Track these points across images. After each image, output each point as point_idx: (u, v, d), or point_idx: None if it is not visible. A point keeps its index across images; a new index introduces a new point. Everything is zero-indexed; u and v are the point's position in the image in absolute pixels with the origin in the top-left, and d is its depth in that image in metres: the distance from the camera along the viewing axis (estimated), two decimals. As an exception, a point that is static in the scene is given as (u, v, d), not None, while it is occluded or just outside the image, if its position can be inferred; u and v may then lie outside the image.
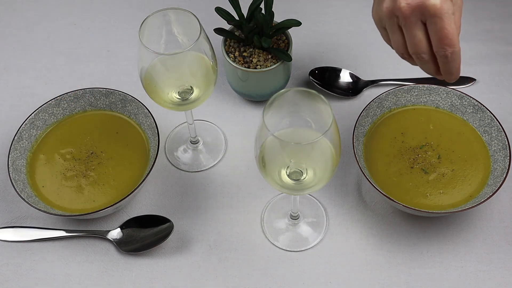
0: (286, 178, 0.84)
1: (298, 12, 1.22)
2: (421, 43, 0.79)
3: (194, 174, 1.04)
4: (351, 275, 0.93)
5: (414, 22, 0.78)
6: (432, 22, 0.77)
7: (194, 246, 0.96)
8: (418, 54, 0.80)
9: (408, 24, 0.78)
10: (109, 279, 0.94)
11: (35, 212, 1.00)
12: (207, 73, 0.92)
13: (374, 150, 0.99)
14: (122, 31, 1.22)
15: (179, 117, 1.09)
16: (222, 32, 1.03)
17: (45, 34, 1.22)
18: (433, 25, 0.77)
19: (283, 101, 0.79)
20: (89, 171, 1.00)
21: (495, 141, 0.98)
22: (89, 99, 1.05)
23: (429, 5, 0.76)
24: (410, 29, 0.79)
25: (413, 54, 0.81)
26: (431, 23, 0.77)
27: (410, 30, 0.79)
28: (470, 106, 1.01)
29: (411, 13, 0.77)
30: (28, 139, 1.01)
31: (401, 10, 0.77)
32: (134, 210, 1.00)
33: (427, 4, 0.76)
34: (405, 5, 0.77)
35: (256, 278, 0.94)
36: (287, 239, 0.97)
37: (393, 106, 1.03)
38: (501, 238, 0.96)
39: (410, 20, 0.78)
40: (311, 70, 1.12)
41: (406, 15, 0.78)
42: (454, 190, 0.95)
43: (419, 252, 0.95)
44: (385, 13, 0.80)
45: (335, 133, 0.77)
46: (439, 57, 0.80)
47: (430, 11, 0.76)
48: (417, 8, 0.77)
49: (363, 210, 0.99)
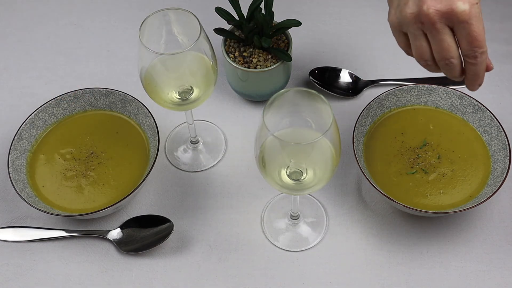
0: (286, 178, 0.84)
1: (298, 12, 1.22)
2: (451, 47, 0.78)
3: (194, 174, 1.04)
4: (351, 275, 0.93)
5: (442, 27, 0.76)
6: (461, 27, 0.76)
7: (194, 246, 0.96)
8: (447, 60, 0.79)
9: (436, 30, 0.76)
10: (109, 279, 0.94)
11: (35, 212, 1.00)
12: (207, 73, 0.92)
13: (374, 150, 0.99)
14: (122, 31, 1.21)
15: (179, 117, 1.09)
16: (222, 32, 1.03)
17: (45, 34, 1.22)
18: (462, 30, 0.76)
19: (283, 101, 0.79)
20: (89, 171, 1.00)
21: (495, 141, 0.98)
22: (89, 99, 1.05)
23: (458, 12, 0.75)
24: (438, 35, 0.77)
25: (441, 60, 0.79)
26: (460, 28, 0.76)
27: (438, 36, 0.77)
28: (470, 106, 1.01)
29: (439, 19, 0.76)
30: (28, 139, 1.01)
31: (428, 16, 0.75)
32: (134, 210, 1.00)
33: (456, 11, 0.75)
34: (433, 11, 0.75)
35: (256, 278, 0.94)
36: (287, 239, 0.97)
37: (393, 106, 1.03)
38: (501, 238, 0.96)
39: (438, 26, 0.76)
40: (311, 70, 1.12)
41: (434, 21, 0.76)
42: (454, 190, 0.95)
43: (419, 252, 0.95)
44: (409, 18, 0.77)
45: (335, 133, 0.77)
46: (468, 59, 0.78)
47: (460, 17, 0.75)
48: (445, 14, 0.75)
49: (363, 210, 0.99)
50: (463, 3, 0.74)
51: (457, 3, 0.75)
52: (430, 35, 0.78)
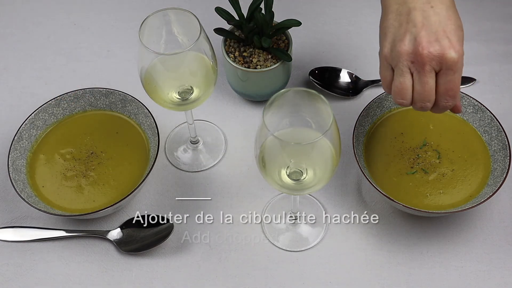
0: (286, 178, 0.84)
1: (298, 12, 1.22)
2: (431, 91, 0.81)
3: (194, 174, 1.04)
4: (351, 275, 0.93)
5: (429, 70, 0.79)
6: (445, 74, 0.79)
7: (194, 246, 0.96)
8: (423, 103, 0.82)
9: (424, 71, 0.79)
10: (109, 279, 0.94)
11: (35, 212, 1.00)
12: (207, 73, 0.92)
13: (374, 150, 0.99)
14: (122, 31, 1.21)
15: (179, 117, 1.09)
16: (222, 32, 1.03)
17: (45, 34, 1.22)
18: (444, 77, 0.80)
19: (283, 101, 0.79)
20: (89, 171, 1.00)
21: (495, 141, 0.98)
22: (89, 99, 1.05)
23: (448, 58, 0.78)
24: (424, 77, 0.80)
25: (419, 101, 0.82)
26: (444, 74, 0.79)
27: (424, 77, 0.80)
28: (470, 106, 1.01)
29: (429, 62, 0.79)
30: (28, 139, 1.01)
31: (422, 56, 0.78)
32: (134, 210, 1.00)
33: (447, 57, 0.78)
34: (427, 53, 0.78)
35: (256, 278, 0.94)
36: (287, 239, 0.97)
37: (393, 106, 1.03)
38: (501, 238, 0.96)
39: (427, 68, 0.79)
40: (311, 70, 1.12)
41: (425, 62, 0.79)
42: (454, 190, 0.95)
43: (419, 252, 0.95)
44: (404, 54, 0.80)
45: (335, 133, 0.77)
46: (439, 105, 0.82)
47: (448, 64, 0.78)
48: (437, 57, 0.78)
49: (363, 210, 0.99)
50: (454, 51, 0.78)
51: (449, 50, 0.78)
52: (416, 75, 0.81)
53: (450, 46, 0.78)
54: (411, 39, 0.79)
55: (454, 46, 0.78)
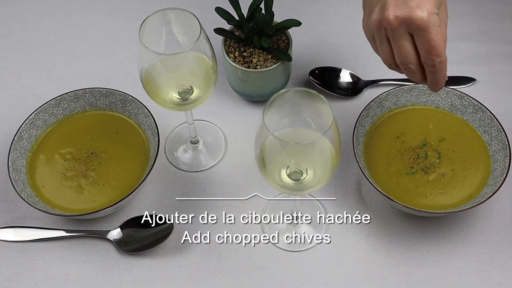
0: (286, 178, 0.84)
1: (298, 12, 1.22)
2: (409, 54, 0.80)
3: (194, 174, 1.04)
4: (351, 275, 0.93)
5: (402, 33, 0.79)
6: (419, 35, 0.78)
7: (194, 246, 0.96)
8: (405, 65, 0.82)
9: (395, 36, 0.80)
10: (109, 279, 0.94)
11: (35, 212, 1.00)
12: (207, 73, 0.92)
13: (374, 150, 0.99)
14: (122, 31, 1.22)
15: (179, 117, 1.09)
16: (222, 32, 1.03)
17: (45, 34, 1.22)
18: (420, 37, 0.79)
19: (283, 101, 0.79)
20: (89, 171, 1.00)
21: (495, 141, 0.98)
22: (89, 99, 1.05)
23: (416, 18, 0.77)
24: (398, 41, 0.80)
25: (401, 64, 0.82)
26: (419, 35, 0.79)
27: (398, 42, 0.80)
28: (470, 106, 1.01)
29: (398, 25, 0.78)
30: (28, 139, 1.01)
31: (389, 22, 0.79)
32: (134, 210, 1.00)
33: (414, 17, 0.77)
34: (393, 17, 0.78)
35: (256, 278, 0.94)
36: (287, 239, 0.97)
37: (393, 106, 1.03)
38: (501, 238, 0.96)
39: (398, 31, 0.79)
40: (311, 70, 1.12)
41: (394, 27, 0.79)
42: (454, 190, 0.95)
43: (419, 252, 0.95)
44: (374, 24, 0.81)
45: (335, 133, 0.77)
46: (427, 67, 0.81)
47: (417, 24, 0.78)
48: (404, 20, 0.78)
49: (363, 210, 0.99)
50: (421, 11, 0.77)
51: (416, 10, 0.77)
52: (392, 40, 0.81)
53: (417, 6, 0.77)
54: (380, 7, 0.80)
55: (421, 6, 0.77)
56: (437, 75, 0.82)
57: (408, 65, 0.81)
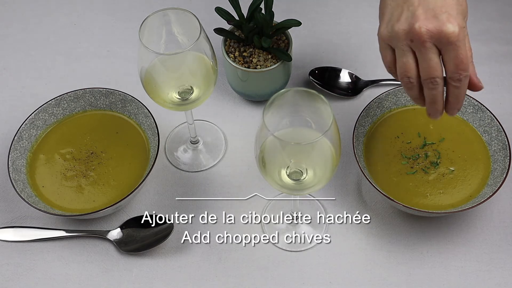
0: (286, 178, 0.84)
1: (298, 12, 1.22)
2: (438, 67, 0.79)
3: (194, 174, 1.04)
4: (351, 275, 0.93)
5: (431, 46, 0.78)
6: (449, 49, 0.78)
7: (194, 246, 0.96)
8: (433, 79, 0.80)
9: (425, 48, 0.78)
10: (109, 279, 0.94)
11: (35, 212, 1.00)
12: (207, 73, 0.92)
13: (374, 150, 0.99)
14: (122, 31, 1.21)
15: (179, 117, 1.09)
16: (222, 32, 1.03)
17: (45, 34, 1.22)
18: (449, 52, 0.78)
19: (283, 101, 0.79)
20: (89, 171, 1.00)
21: (495, 141, 0.98)
22: (89, 99, 1.05)
23: (448, 33, 0.76)
24: (427, 53, 0.78)
25: (427, 78, 0.80)
26: (448, 50, 0.78)
27: (427, 54, 0.78)
28: (470, 106, 1.01)
29: (429, 38, 0.77)
30: (28, 139, 1.01)
31: (419, 34, 0.77)
32: (134, 210, 1.00)
33: (446, 32, 0.76)
34: (425, 30, 0.77)
35: (256, 278, 0.94)
36: (287, 239, 0.97)
37: (393, 106, 1.03)
38: (501, 238, 0.96)
39: (428, 44, 0.78)
40: (311, 70, 1.12)
41: (424, 40, 0.77)
42: (454, 190, 0.95)
43: (419, 252, 0.95)
44: (400, 34, 0.79)
45: (335, 133, 0.77)
46: (453, 81, 0.80)
47: (448, 39, 0.77)
48: (436, 34, 0.77)
49: (363, 210, 0.99)
50: (452, 26, 0.77)
51: (447, 24, 0.77)
52: (418, 53, 0.79)
53: (448, 20, 0.76)
54: (408, 17, 0.78)
55: (452, 20, 0.77)
56: (461, 90, 0.81)
57: (435, 79, 0.80)
